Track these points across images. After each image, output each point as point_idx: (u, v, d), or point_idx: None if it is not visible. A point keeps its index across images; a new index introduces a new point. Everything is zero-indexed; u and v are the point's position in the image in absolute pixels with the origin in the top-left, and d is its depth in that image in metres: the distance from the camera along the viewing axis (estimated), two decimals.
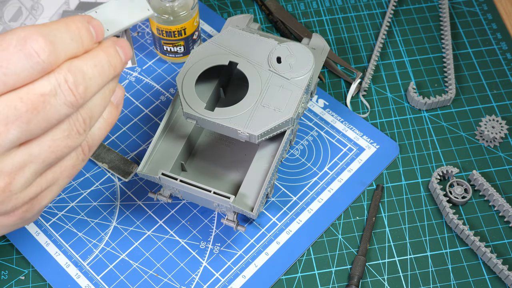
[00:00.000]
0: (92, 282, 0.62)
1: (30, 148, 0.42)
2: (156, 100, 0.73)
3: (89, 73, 0.42)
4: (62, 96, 0.41)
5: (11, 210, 0.44)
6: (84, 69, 0.41)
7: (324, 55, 0.71)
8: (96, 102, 0.44)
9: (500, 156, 0.70)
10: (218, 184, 0.66)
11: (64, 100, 0.41)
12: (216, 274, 0.62)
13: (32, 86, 0.40)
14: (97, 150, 0.69)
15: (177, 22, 0.69)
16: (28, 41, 0.39)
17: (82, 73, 0.41)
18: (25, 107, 0.39)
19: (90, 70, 0.42)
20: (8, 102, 0.39)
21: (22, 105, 0.39)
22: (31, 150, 0.42)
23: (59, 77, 0.40)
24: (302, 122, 0.71)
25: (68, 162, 0.45)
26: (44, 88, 0.40)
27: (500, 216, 0.66)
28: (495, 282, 0.62)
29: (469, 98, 0.74)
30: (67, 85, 0.41)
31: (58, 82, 0.40)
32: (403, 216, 0.66)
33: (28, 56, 0.39)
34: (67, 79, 0.41)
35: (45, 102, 0.40)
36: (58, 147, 0.42)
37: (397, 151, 0.69)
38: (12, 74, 0.39)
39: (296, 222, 0.65)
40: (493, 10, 0.81)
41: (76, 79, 0.41)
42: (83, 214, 0.66)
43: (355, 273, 0.62)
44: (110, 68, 0.43)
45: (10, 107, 0.39)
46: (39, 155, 0.42)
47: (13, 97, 0.39)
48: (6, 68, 0.39)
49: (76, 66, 0.41)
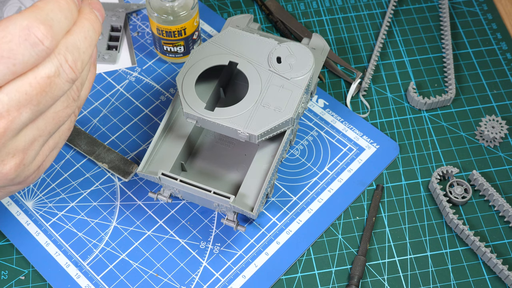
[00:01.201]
0: (92, 282, 0.62)
1: (37, 123, 0.45)
2: (156, 100, 0.73)
3: (82, 47, 0.45)
4: (65, 75, 0.44)
5: (24, 180, 0.49)
6: (78, 44, 0.45)
7: (324, 55, 0.71)
8: (85, 68, 0.48)
9: (500, 156, 0.70)
10: (218, 184, 0.66)
11: (66, 78, 0.44)
12: (216, 274, 0.62)
13: (38, 71, 0.43)
14: (97, 150, 0.69)
15: (177, 22, 0.69)
16: (31, 30, 0.42)
17: (77, 49, 0.45)
18: (34, 91, 0.43)
19: (82, 44, 0.45)
20: (19, 88, 0.42)
21: (32, 89, 0.43)
22: (38, 125, 0.46)
23: (60, 57, 0.44)
24: (302, 122, 0.71)
25: (64, 126, 0.49)
26: (49, 70, 0.43)
27: (500, 216, 0.66)
28: (495, 282, 0.62)
29: (469, 98, 0.74)
30: (67, 64, 0.44)
31: (60, 63, 0.44)
32: (403, 216, 0.66)
33: (34, 45, 0.42)
34: (67, 59, 0.44)
35: (51, 83, 0.43)
36: (60, 117, 0.47)
37: (397, 151, 0.69)
38: (20, 63, 0.42)
39: (296, 222, 0.65)
40: (493, 10, 0.81)
41: (73, 56, 0.44)
42: (83, 214, 0.66)
43: (355, 273, 0.62)
44: (95, 35, 0.46)
45: (21, 92, 0.42)
46: (45, 128, 0.46)
47: (22, 83, 0.43)
48: (14, 59, 0.41)
49: (71, 43, 0.44)
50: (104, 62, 0.76)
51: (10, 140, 0.44)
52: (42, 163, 0.49)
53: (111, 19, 0.78)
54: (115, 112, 0.73)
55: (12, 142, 0.45)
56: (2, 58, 0.41)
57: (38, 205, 0.66)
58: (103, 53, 0.76)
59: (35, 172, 0.49)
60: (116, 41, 0.78)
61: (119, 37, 0.77)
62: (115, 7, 0.79)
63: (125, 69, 0.76)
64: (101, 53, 0.76)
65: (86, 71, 0.48)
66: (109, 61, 0.76)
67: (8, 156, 0.45)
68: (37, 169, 0.49)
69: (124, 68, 0.76)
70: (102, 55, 0.76)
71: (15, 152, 0.45)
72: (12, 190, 0.51)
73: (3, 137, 0.43)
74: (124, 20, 0.79)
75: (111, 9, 0.79)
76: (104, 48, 0.76)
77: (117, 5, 0.80)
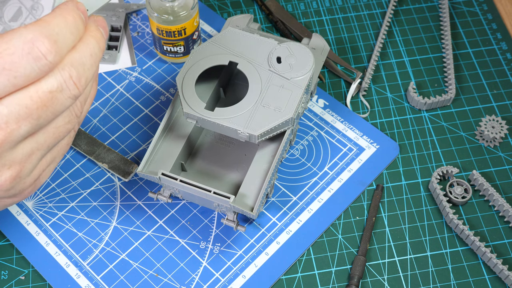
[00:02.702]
0: (92, 282, 0.62)
1: (36, 137, 0.45)
2: (156, 100, 0.73)
3: (87, 64, 0.45)
4: (68, 91, 0.44)
5: (19, 193, 0.48)
6: (83, 61, 0.44)
7: (324, 55, 0.71)
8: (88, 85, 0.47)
9: (500, 156, 0.70)
10: (218, 184, 0.66)
11: (69, 94, 0.44)
12: (216, 274, 0.62)
13: (40, 85, 0.43)
14: (97, 150, 0.69)
15: (177, 22, 0.69)
16: (35, 44, 0.41)
17: (83, 65, 0.44)
18: (35, 105, 0.42)
19: (87, 61, 0.45)
20: (19, 101, 0.42)
21: (32, 103, 0.42)
22: (37, 139, 0.45)
23: (64, 73, 0.43)
24: (302, 122, 0.71)
25: (64, 141, 0.49)
26: (51, 85, 0.43)
27: (500, 216, 0.66)
28: (495, 282, 0.62)
29: (469, 98, 0.74)
30: (71, 80, 0.44)
31: (63, 79, 0.43)
32: (403, 216, 0.66)
33: (36, 59, 0.42)
34: (71, 75, 0.43)
35: (53, 98, 0.43)
36: (61, 133, 0.46)
37: (397, 151, 0.69)
38: (22, 76, 0.42)
39: (296, 222, 0.65)
40: (493, 10, 0.81)
41: (78, 72, 0.44)
42: (83, 214, 0.66)
43: (355, 273, 0.62)
44: (100, 52, 0.46)
45: (21, 105, 0.42)
46: (44, 142, 0.46)
47: (23, 96, 0.42)
48: (16, 71, 0.41)
49: (77, 60, 0.44)
50: (104, 62, 0.76)
51: (7, 151, 0.44)
52: (38, 177, 0.49)
53: (111, 19, 0.78)
54: (115, 112, 0.73)
55: (9, 153, 0.44)
56: (4, 70, 0.41)
57: (38, 205, 0.66)
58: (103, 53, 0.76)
59: (31, 186, 0.49)
60: (116, 41, 0.78)
61: (119, 37, 0.77)
62: (115, 7, 0.79)
63: (125, 69, 0.76)
64: None
65: (89, 88, 0.48)
66: (109, 61, 0.76)
67: (4, 167, 0.45)
68: (34, 182, 0.49)
69: (124, 68, 0.76)
70: (102, 55, 0.76)
71: (11, 164, 0.45)
72: (7, 203, 0.50)
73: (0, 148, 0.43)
74: (124, 20, 0.79)
75: (111, 9, 0.79)
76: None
77: (117, 5, 0.80)
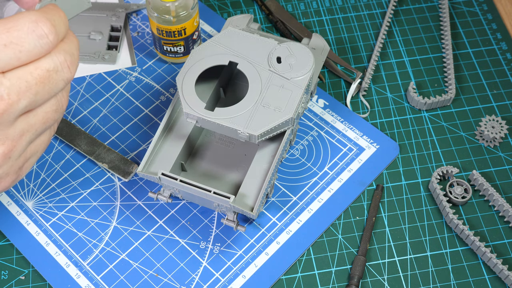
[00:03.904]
0: (92, 282, 0.62)
1: (28, 118, 0.48)
2: (156, 100, 0.73)
3: (75, 55, 0.49)
4: (62, 73, 0.48)
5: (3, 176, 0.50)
6: (73, 51, 0.49)
7: (324, 55, 0.71)
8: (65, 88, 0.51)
9: (500, 156, 0.70)
10: (218, 184, 0.66)
11: (63, 76, 0.48)
12: (216, 274, 0.62)
13: (39, 63, 0.47)
14: (97, 150, 0.69)
15: (177, 22, 0.69)
16: (39, 24, 0.46)
17: (73, 55, 0.49)
18: (34, 80, 0.46)
19: (75, 53, 0.49)
20: (20, 76, 0.46)
21: (32, 79, 0.46)
22: (29, 120, 0.48)
23: (60, 56, 0.47)
24: (302, 122, 0.71)
25: (45, 137, 0.52)
26: (49, 65, 0.47)
27: (500, 216, 0.66)
28: (495, 282, 0.62)
29: (469, 98, 0.74)
30: (66, 63, 0.48)
31: (59, 61, 0.47)
32: (403, 216, 0.66)
33: (40, 37, 0.46)
34: (66, 59, 0.48)
35: (50, 77, 0.47)
36: (48, 119, 0.50)
37: (397, 151, 0.69)
38: (26, 51, 0.45)
39: (296, 222, 0.65)
40: (493, 10, 0.81)
41: (71, 59, 0.49)
42: (83, 214, 0.66)
43: (355, 273, 0.62)
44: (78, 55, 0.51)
45: (22, 79, 0.46)
46: (34, 125, 0.49)
47: (24, 72, 0.46)
48: (21, 46, 0.45)
49: (68, 49, 0.48)
50: (104, 62, 0.76)
51: (4, 125, 0.46)
52: (22, 167, 0.51)
53: (111, 19, 0.78)
54: (115, 112, 0.73)
55: (5, 128, 0.47)
56: (11, 43, 0.45)
57: (38, 205, 0.66)
58: (103, 53, 0.76)
59: (15, 174, 0.51)
60: (116, 41, 0.78)
61: (119, 37, 0.77)
62: (115, 7, 0.79)
63: (125, 69, 0.76)
64: (101, 53, 0.76)
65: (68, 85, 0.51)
66: (109, 61, 0.76)
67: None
68: (17, 171, 0.51)
69: (124, 68, 0.76)
70: (102, 55, 0.76)
71: (5, 140, 0.47)
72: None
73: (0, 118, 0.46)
74: (124, 20, 0.79)
75: (111, 9, 0.79)
76: (104, 48, 0.76)
77: (117, 5, 0.80)
